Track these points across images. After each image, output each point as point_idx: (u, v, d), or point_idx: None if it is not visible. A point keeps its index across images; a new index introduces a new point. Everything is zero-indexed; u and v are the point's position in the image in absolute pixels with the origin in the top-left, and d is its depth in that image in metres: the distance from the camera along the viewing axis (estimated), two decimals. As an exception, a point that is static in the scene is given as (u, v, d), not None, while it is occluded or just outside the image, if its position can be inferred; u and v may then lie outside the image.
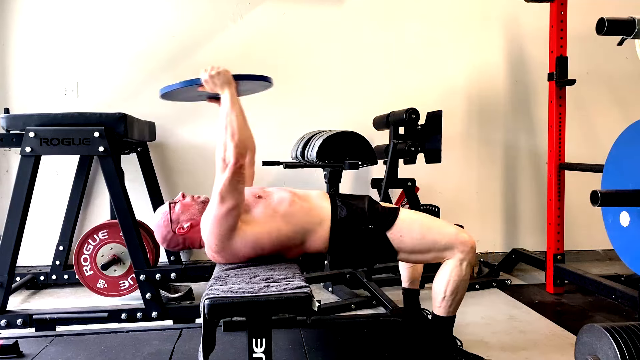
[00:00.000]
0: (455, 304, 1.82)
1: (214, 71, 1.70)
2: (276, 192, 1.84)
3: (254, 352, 1.41)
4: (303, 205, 1.79)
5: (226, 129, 1.65)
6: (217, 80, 1.70)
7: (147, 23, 3.23)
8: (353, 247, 1.81)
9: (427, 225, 1.82)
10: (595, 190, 1.55)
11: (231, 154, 1.62)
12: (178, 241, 1.84)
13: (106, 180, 2.28)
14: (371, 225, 1.79)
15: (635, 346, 1.38)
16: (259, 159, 3.03)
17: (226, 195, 1.62)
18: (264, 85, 1.88)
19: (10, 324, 2.19)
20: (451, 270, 1.78)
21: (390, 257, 1.82)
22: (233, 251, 1.71)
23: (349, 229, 1.79)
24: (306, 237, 1.78)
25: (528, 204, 3.55)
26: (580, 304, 2.69)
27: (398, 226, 1.79)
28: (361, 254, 1.83)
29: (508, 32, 3.49)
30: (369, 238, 1.79)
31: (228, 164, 1.61)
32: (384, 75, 3.39)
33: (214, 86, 1.71)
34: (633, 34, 1.71)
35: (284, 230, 1.74)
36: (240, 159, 1.62)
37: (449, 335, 1.86)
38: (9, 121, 2.26)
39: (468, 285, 1.84)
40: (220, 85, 1.70)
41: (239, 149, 1.62)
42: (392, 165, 2.87)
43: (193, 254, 3.32)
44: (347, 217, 1.80)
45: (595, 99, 3.54)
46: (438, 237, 1.79)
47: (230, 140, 1.63)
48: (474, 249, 1.80)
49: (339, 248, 1.81)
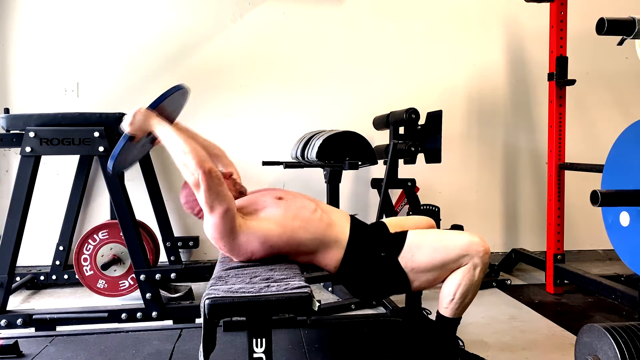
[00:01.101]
0: (463, 307, 1.79)
1: (129, 118, 1.71)
2: (300, 197, 1.85)
3: (254, 352, 1.41)
4: (324, 217, 1.79)
5: (176, 155, 1.66)
6: (137, 123, 1.72)
7: (147, 23, 3.23)
8: (364, 275, 1.79)
9: (436, 239, 1.79)
10: (595, 190, 1.55)
11: (193, 165, 1.61)
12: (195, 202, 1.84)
13: (106, 180, 2.28)
14: (383, 252, 1.77)
15: (635, 346, 1.38)
16: (259, 159, 3.06)
17: (213, 203, 1.63)
18: (181, 94, 1.88)
19: (10, 324, 2.19)
20: (464, 274, 1.74)
21: (404, 286, 1.78)
22: (241, 249, 1.71)
23: (363, 257, 1.78)
24: (319, 249, 1.77)
25: (528, 204, 3.55)
26: (580, 304, 2.69)
27: (407, 247, 1.76)
28: (372, 284, 1.81)
29: (508, 32, 3.49)
30: (382, 267, 1.76)
31: (197, 175, 1.61)
32: (384, 75, 3.39)
33: (141, 130, 1.73)
34: (633, 34, 1.71)
35: (299, 234, 1.73)
36: (204, 164, 1.62)
37: (452, 336, 1.86)
38: (9, 121, 2.26)
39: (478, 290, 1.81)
40: (144, 125, 1.72)
41: (196, 158, 1.62)
42: (392, 165, 2.87)
43: (193, 254, 3.32)
44: (363, 244, 1.79)
45: (595, 99, 3.54)
46: (450, 248, 1.74)
47: (184, 157, 1.63)
48: (488, 253, 1.75)
49: (350, 274, 1.80)
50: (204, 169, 1.61)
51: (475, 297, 1.80)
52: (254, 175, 3.14)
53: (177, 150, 1.65)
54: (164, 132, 1.71)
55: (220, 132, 3.26)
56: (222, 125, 3.28)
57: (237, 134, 3.29)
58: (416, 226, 2.00)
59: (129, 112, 1.73)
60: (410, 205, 2.94)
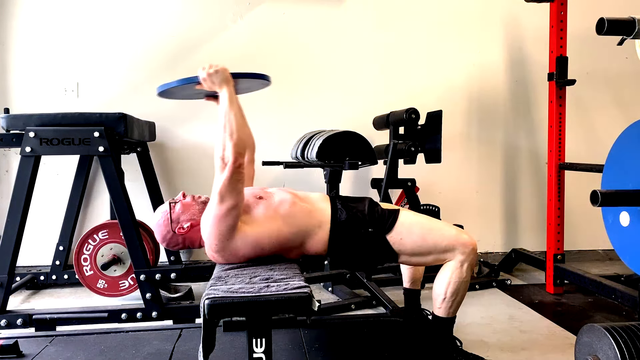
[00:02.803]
0: (456, 305, 1.82)
1: (212, 69, 1.68)
2: (277, 192, 1.84)
3: (254, 352, 1.41)
4: (303, 207, 1.79)
5: (224, 127, 1.63)
6: (215, 79, 1.68)
7: (147, 23, 3.23)
8: (352, 250, 1.80)
9: (427, 227, 1.81)
10: (595, 190, 1.55)
11: (230, 153, 1.61)
12: (178, 241, 1.83)
13: (106, 180, 2.28)
14: (371, 228, 1.78)
15: (635, 346, 1.38)
16: (258, 159, 3.05)
17: (226, 194, 1.62)
18: (262, 83, 1.88)
19: (10, 324, 2.19)
20: (452, 271, 1.78)
21: (391, 259, 1.82)
22: (233, 251, 1.70)
23: (349, 233, 1.78)
24: (306, 239, 1.77)
25: (528, 204, 3.55)
26: (580, 304, 2.69)
27: (398, 229, 1.78)
28: (361, 257, 1.82)
29: (508, 32, 3.49)
30: (369, 241, 1.79)
31: (227, 164, 1.61)
32: (384, 75, 3.39)
33: (212, 84, 1.69)
34: (633, 34, 1.71)
35: (284, 231, 1.74)
36: (239, 158, 1.62)
37: (449, 336, 1.87)
38: (9, 121, 2.26)
39: (469, 286, 1.84)
40: (218, 83, 1.69)
41: (237, 147, 1.62)
42: (392, 165, 2.87)
43: (193, 254, 3.32)
44: (347, 220, 1.79)
45: (595, 99, 3.54)
46: (439, 238, 1.78)
47: (229, 140, 1.62)
48: (475, 250, 1.79)
49: (338, 251, 1.80)
50: (237, 163, 1.61)
51: (466, 294, 1.84)
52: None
53: (229, 125, 1.63)
54: (231, 100, 1.67)
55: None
56: (222, 125, 3.27)
57: (237, 134, 3.29)
58: None
59: (213, 64, 1.69)
60: (410, 206, 2.95)
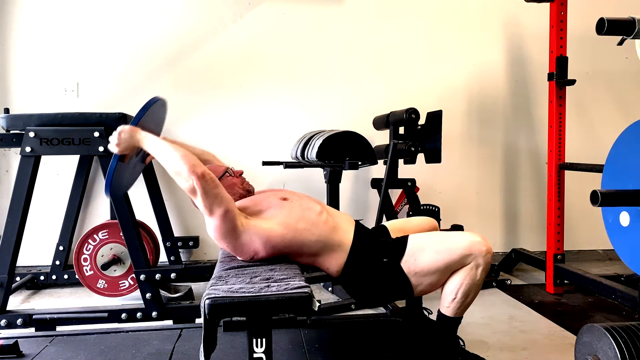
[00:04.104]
0: (465, 307, 1.79)
1: (114, 137, 1.71)
2: (306, 199, 1.85)
3: (254, 352, 1.41)
4: (329, 220, 1.79)
5: (168, 164, 1.66)
6: (124, 140, 1.72)
7: (147, 23, 3.23)
8: (367, 280, 1.79)
9: (438, 240, 1.78)
10: (595, 190, 1.55)
11: (186, 172, 1.61)
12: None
13: (106, 180, 2.28)
14: (385, 258, 1.76)
15: (635, 346, 1.38)
16: (259, 159, 3.06)
17: (212, 206, 1.63)
18: (160, 105, 1.89)
19: (10, 324, 2.19)
20: (466, 273, 1.74)
21: (406, 292, 1.78)
22: (245, 248, 1.71)
23: (366, 262, 1.77)
24: (323, 252, 1.77)
25: (528, 204, 3.55)
26: (580, 304, 2.69)
27: (410, 251, 1.75)
28: (374, 289, 1.81)
29: (508, 32, 3.49)
30: (384, 272, 1.76)
31: (191, 182, 1.61)
32: (384, 75, 3.39)
33: (128, 148, 1.73)
34: (633, 34, 1.71)
35: (304, 236, 1.73)
36: (196, 169, 1.62)
37: (453, 335, 1.86)
38: (9, 121, 2.26)
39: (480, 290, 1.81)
40: (131, 142, 1.73)
41: (188, 163, 1.62)
42: (392, 165, 2.87)
43: (193, 254, 3.32)
44: (366, 249, 1.78)
45: (595, 99, 3.54)
46: (452, 248, 1.73)
47: (176, 166, 1.63)
48: (490, 252, 1.74)
49: (352, 278, 1.79)
50: (197, 174, 1.61)
51: (476, 297, 1.79)
52: (254, 175, 3.14)
53: (168, 160, 1.65)
54: (152, 143, 1.72)
55: (221, 132, 3.27)
56: (222, 125, 3.28)
57: (237, 134, 3.29)
58: (419, 227, 1.99)
59: (113, 134, 1.72)
60: (410, 206, 2.94)
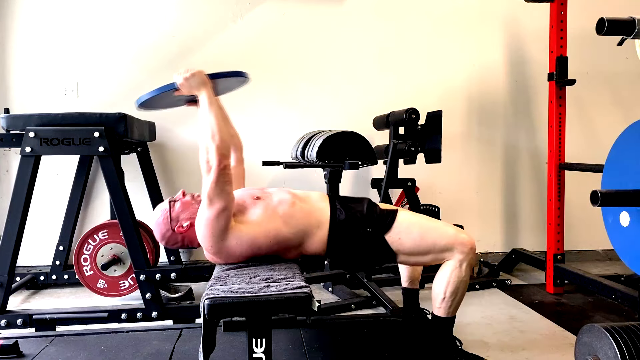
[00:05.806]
0: (455, 305, 1.82)
1: (187, 73, 1.69)
2: (276, 193, 1.84)
3: (254, 352, 1.42)
4: (303, 207, 1.79)
5: (206, 130, 1.64)
6: (192, 82, 1.70)
7: (147, 23, 3.23)
8: (351, 250, 1.80)
9: (425, 226, 1.81)
10: (595, 190, 1.55)
11: (214, 156, 1.61)
12: (177, 239, 1.83)
13: (106, 180, 2.28)
14: (369, 228, 1.78)
15: (635, 346, 1.38)
16: (259, 159, 3.06)
17: (214, 197, 1.62)
18: (241, 81, 1.86)
19: (10, 324, 2.19)
20: (451, 271, 1.78)
21: (389, 259, 1.82)
22: (229, 251, 1.70)
23: (347, 233, 1.78)
24: (305, 239, 1.78)
25: (528, 204, 3.55)
26: (580, 304, 2.69)
27: (396, 229, 1.78)
28: (359, 257, 1.82)
29: (508, 32, 3.49)
30: (367, 241, 1.78)
31: (212, 167, 1.61)
32: (384, 75, 3.39)
33: (190, 89, 1.71)
34: (633, 34, 1.71)
35: (283, 231, 1.74)
36: (224, 160, 1.62)
37: (449, 336, 1.86)
38: (9, 121, 2.26)
39: (468, 286, 1.84)
40: (195, 86, 1.70)
41: (220, 149, 1.62)
42: (392, 165, 2.87)
43: (193, 254, 3.32)
44: (346, 221, 1.79)
45: (595, 99, 3.54)
46: (437, 238, 1.78)
47: (211, 142, 1.62)
48: (473, 249, 1.79)
49: (337, 251, 1.81)
50: (221, 165, 1.61)
51: (465, 294, 1.83)
52: (254, 175, 3.14)
53: (210, 128, 1.64)
54: (211, 103, 1.68)
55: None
56: (222, 125, 3.27)
57: (237, 134, 3.29)
58: None
59: (189, 68, 1.70)
60: (410, 206, 2.95)
